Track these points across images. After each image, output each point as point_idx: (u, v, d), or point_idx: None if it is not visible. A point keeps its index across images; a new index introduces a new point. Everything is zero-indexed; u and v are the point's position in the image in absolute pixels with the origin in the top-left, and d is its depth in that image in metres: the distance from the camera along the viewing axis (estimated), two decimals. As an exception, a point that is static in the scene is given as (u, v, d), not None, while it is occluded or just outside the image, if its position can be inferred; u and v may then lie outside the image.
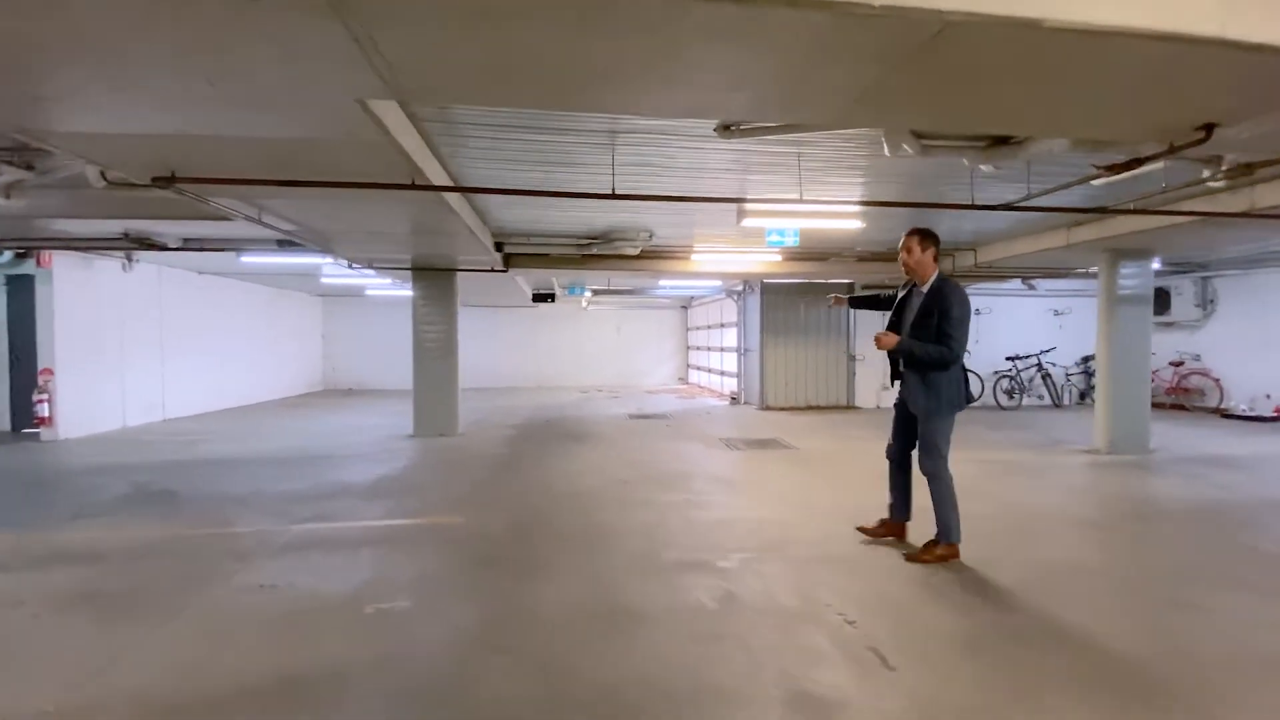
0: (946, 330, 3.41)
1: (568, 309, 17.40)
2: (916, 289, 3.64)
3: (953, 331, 3.41)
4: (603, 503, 5.06)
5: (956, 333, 3.41)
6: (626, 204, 6.21)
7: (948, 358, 3.42)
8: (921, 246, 3.58)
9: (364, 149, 3.46)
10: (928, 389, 3.49)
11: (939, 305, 3.45)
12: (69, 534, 4.28)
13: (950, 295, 3.46)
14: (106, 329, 9.21)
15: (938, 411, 3.51)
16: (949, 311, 3.42)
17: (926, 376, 3.49)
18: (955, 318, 3.42)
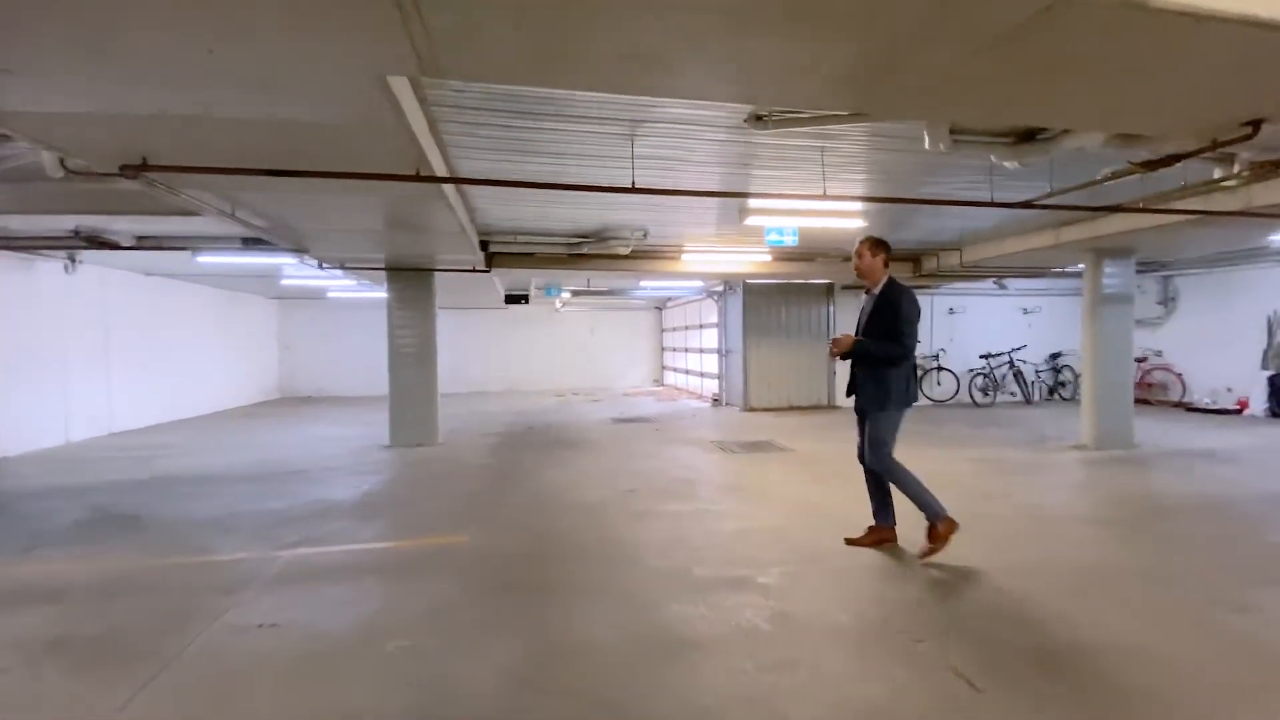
0: (897, 327, 3.58)
1: (540, 310, 17.00)
2: (869, 294, 3.82)
3: (903, 328, 3.57)
4: (613, 515, 4.81)
5: (906, 329, 3.58)
6: (626, 201, 6.00)
7: (899, 352, 3.58)
8: (872, 252, 3.77)
9: (372, 134, 3.13)
10: (878, 385, 3.66)
11: (888, 305, 3.64)
12: (25, 567, 3.78)
13: (899, 294, 3.64)
14: (46, 336, 8.43)
15: (887, 406, 3.66)
16: (898, 309, 3.60)
17: (878, 374, 3.65)
18: (905, 315, 3.59)
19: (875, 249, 3.78)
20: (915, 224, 7.62)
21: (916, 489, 3.67)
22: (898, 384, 3.64)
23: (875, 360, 3.65)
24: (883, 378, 3.64)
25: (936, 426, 9.65)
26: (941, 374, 12.62)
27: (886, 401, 3.65)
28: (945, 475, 6.11)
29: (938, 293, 12.67)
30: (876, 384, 3.66)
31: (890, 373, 3.62)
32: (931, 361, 12.63)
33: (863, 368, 3.72)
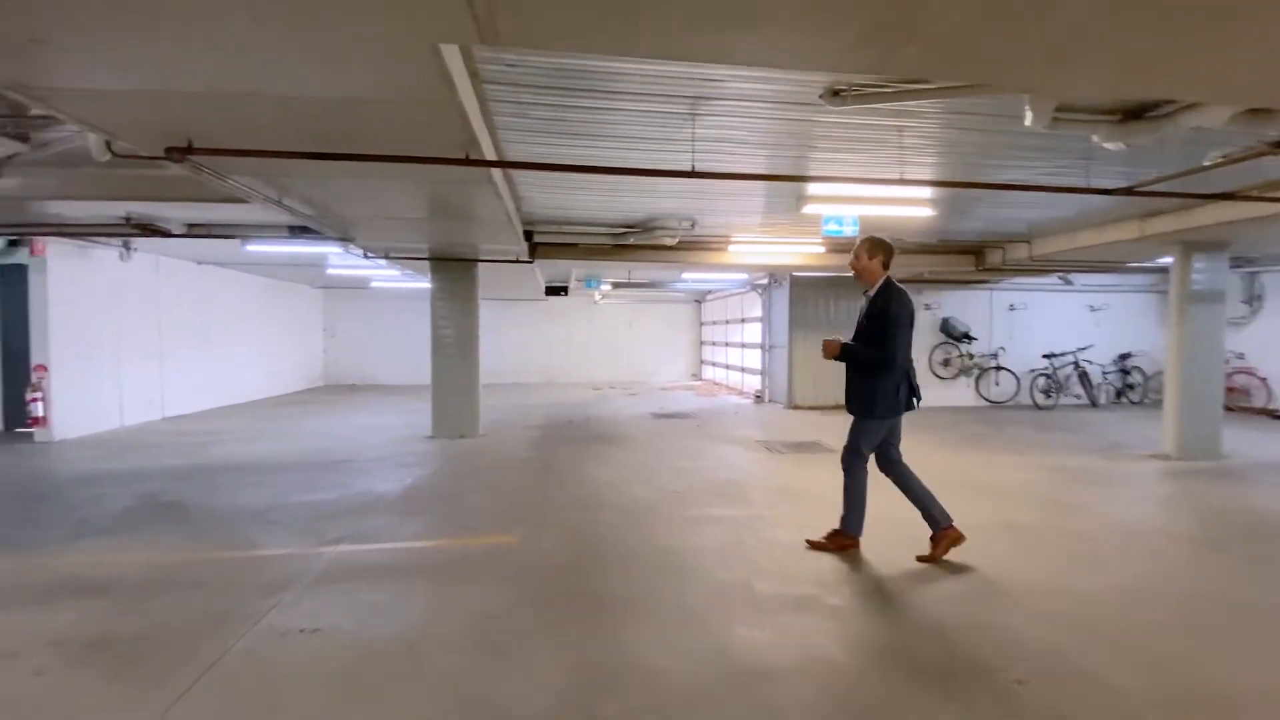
0: (887, 332, 3.47)
1: (579, 303, 16.87)
2: (866, 295, 3.72)
3: (891, 331, 3.45)
4: (663, 519, 4.57)
5: (894, 331, 3.46)
6: (676, 189, 5.72)
7: (883, 356, 3.46)
8: (870, 254, 3.66)
9: (422, 113, 2.93)
10: (864, 390, 3.57)
11: (881, 309, 3.53)
12: (71, 557, 3.76)
13: (890, 295, 3.54)
14: (103, 322, 8.63)
15: (871, 413, 3.58)
16: (886, 310, 3.49)
17: (865, 379, 3.56)
18: (892, 317, 3.47)
19: (873, 250, 3.67)
20: (979, 213, 7.12)
21: (859, 505, 3.73)
22: (885, 391, 3.53)
23: (861, 364, 3.56)
24: (869, 383, 3.54)
25: (996, 429, 9.12)
26: (1000, 374, 11.99)
27: (871, 408, 3.57)
28: (1015, 484, 5.69)
29: (997, 288, 12.02)
30: (863, 389, 3.58)
31: (879, 378, 3.51)
32: (990, 360, 12.01)
33: (851, 371, 3.63)
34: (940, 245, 8.95)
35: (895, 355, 3.47)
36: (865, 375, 3.56)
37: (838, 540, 3.82)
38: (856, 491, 3.75)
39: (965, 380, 12.06)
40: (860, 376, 3.59)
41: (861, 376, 3.58)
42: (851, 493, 3.76)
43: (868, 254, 3.67)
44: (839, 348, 3.56)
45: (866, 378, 3.56)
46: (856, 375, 3.62)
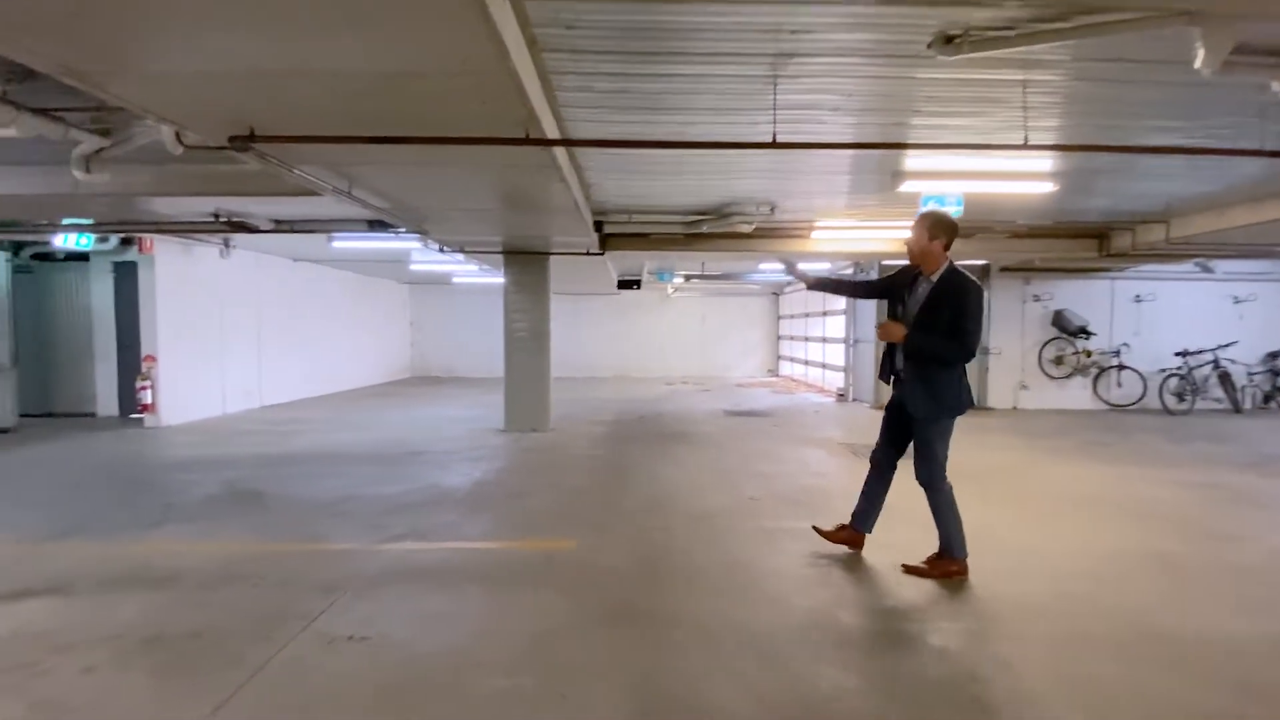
0: (962, 325, 3.11)
1: (650, 297, 16.61)
2: (922, 278, 3.29)
3: (968, 326, 3.13)
4: (737, 529, 4.18)
5: (972, 327, 3.15)
6: (755, 169, 5.28)
7: (959, 355, 3.16)
8: (930, 234, 3.24)
9: (473, 85, 2.70)
10: (929, 390, 3.20)
11: (951, 297, 3.14)
12: (150, 544, 3.85)
13: (965, 287, 3.16)
14: (206, 316, 9.20)
15: (939, 415, 3.23)
16: (965, 305, 3.12)
17: (928, 376, 3.20)
18: (972, 312, 3.14)
19: (934, 230, 3.24)
20: (1108, 188, 6.17)
21: (951, 518, 3.30)
22: (951, 388, 3.19)
23: (927, 359, 3.19)
24: (933, 380, 3.18)
25: (1121, 437, 8.04)
26: (1123, 373, 10.64)
27: (938, 408, 3.21)
28: (1152, 504, 4.86)
29: (1121, 277, 10.67)
30: (926, 387, 3.19)
31: (943, 374, 3.18)
32: (1111, 358, 10.68)
33: (911, 365, 3.23)
34: (1056, 227, 7.95)
35: (972, 353, 3.17)
36: (928, 371, 3.18)
37: (941, 566, 3.34)
38: (950, 507, 3.31)
39: (1081, 380, 10.80)
40: (923, 372, 3.19)
41: (925, 372, 3.19)
42: (945, 510, 3.31)
43: (928, 233, 3.23)
44: (903, 336, 3.17)
45: (931, 374, 3.18)
46: (918, 371, 3.20)
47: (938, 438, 3.24)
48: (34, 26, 2.08)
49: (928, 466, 3.28)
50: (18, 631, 2.67)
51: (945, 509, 3.31)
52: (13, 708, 2.13)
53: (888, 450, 3.51)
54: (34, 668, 2.39)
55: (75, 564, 3.49)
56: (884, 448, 3.53)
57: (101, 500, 4.88)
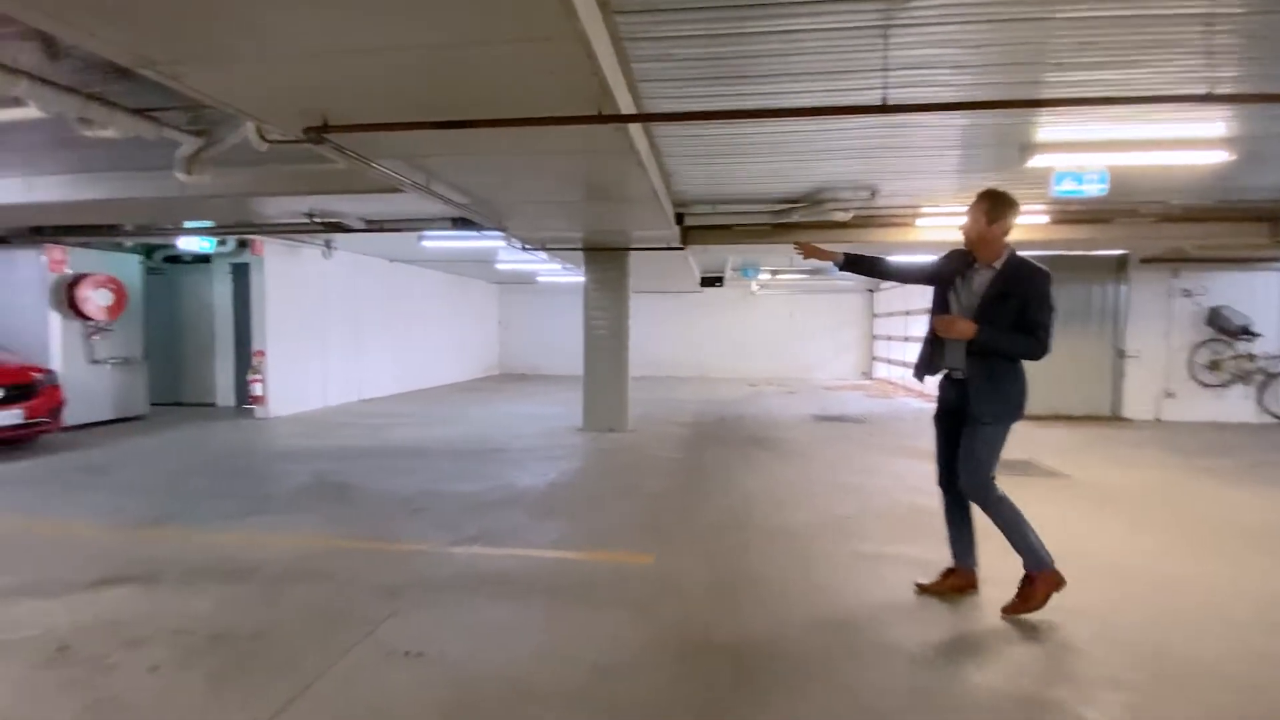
0: (1036, 318, 2.80)
1: (734, 294, 16.06)
2: (979, 266, 2.95)
3: (1045, 319, 2.82)
4: (828, 552, 3.71)
5: (1049, 320, 2.83)
6: (855, 148, 4.75)
7: (1037, 351, 2.83)
8: (989, 216, 2.86)
9: (539, 53, 2.45)
10: (997, 389, 2.88)
11: (1021, 289, 2.84)
12: (237, 533, 3.93)
13: (1035, 275, 2.84)
14: (311, 313, 9.72)
15: (1002, 417, 2.90)
16: (1043, 296, 2.82)
17: (996, 374, 2.88)
18: (1048, 303, 2.82)
19: (995, 212, 2.85)
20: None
21: (1021, 528, 2.90)
22: (1018, 386, 2.89)
23: (999, 356, 2.85)
24: (1002, 378, 2.87)
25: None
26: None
27: (1007, 409, 2.88)
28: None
29: (1293, 267, 9.02)
30: (994, 386, 2.86)
31: (1011, 372, 2.89)
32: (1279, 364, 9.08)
33: (977, 363, 2.88)
34: (1217, 209, 6.75)
35: (1047, 351, 2.81)
36: (996, 369, 2.86)
37: (1038, 591, 2.85)
38: (1016, 514, 2.91)
39: (1242, 389, 9.25)
40: (1000, 370, 2.86)
41: (1001, 369, 2.86)
42: (1013, 520, 2.90)
43: (987, 216, 2.85)
44: (973, 333, 2.80)
45: (998, 372, 2.86)
46: (984, 369, 2.86)
47: (994, 441, 2.90)
48: (97, 8, 2.05)
49: (978, 474, 2.90)
50: (97, 621, 2.72)
51: (1013, 519, 2.90)
52: (72, 704, 2.11)
53: (954, 467, 3.04)
54: (102, 661, 2.39)
55: (166, 551, 3.61)
56: (950, 465, 3.07)
57: (203, 487, 5.13)
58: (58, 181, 5.69)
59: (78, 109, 3.18)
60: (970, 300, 2.91)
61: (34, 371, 6.44)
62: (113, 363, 8.21)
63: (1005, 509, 2.90)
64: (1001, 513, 2.90)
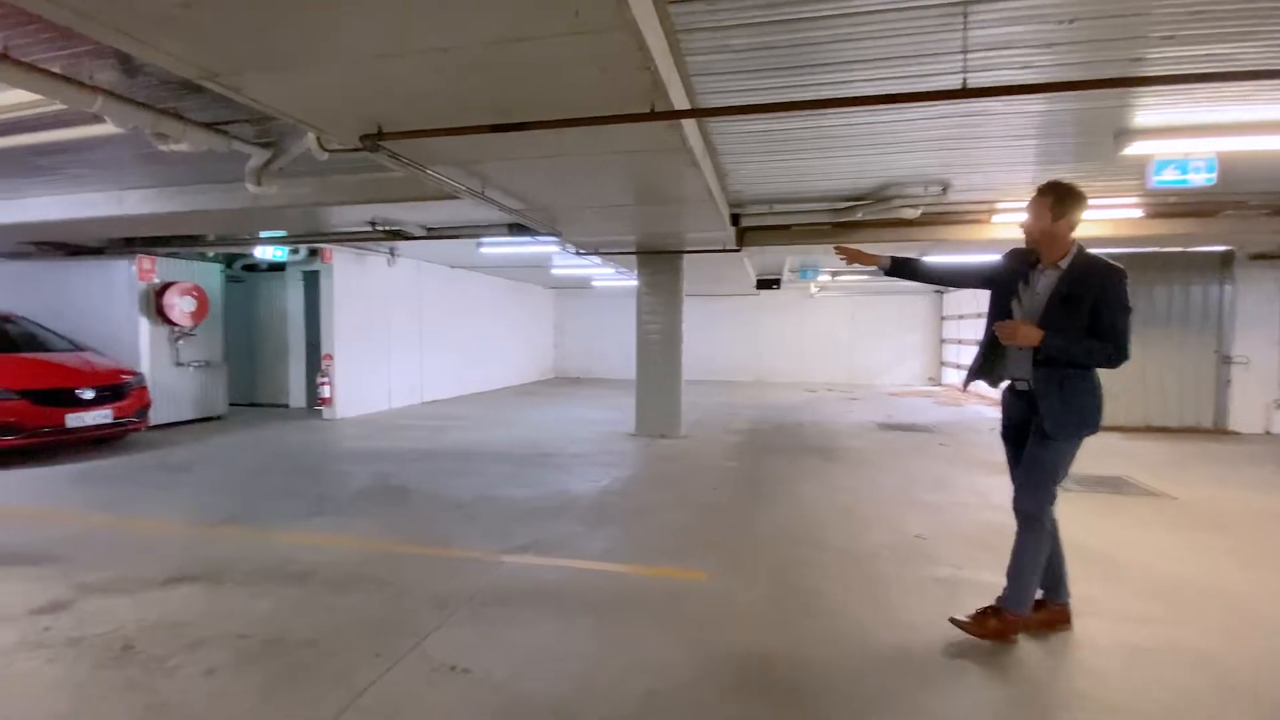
0: (1113, 323, 2.52)
1: (792, 296, 15.63)
2: (1043, 266, 2.70)
3: (1122, 322, 2.54)
4: (901, 577, 3.43)
5: (1125, 325, 2.54)
6: (927, 138, 4.45)
7: (1115, 358, 2.54)
8: (1054, 211, 2.60)
9: (588, 45, 2.35)
10: (1069, 402, 2.60)
11: (1091, 289, 2.55)
12: (300, 534, 4.02)
13: (1109, 274, 2.55)
14: (376, 319, 10.05)
15: (1073, 432, 2.61)
16: (1113, 297, 2.53)
17: (1069, 385, 2.60)
18: (1125, 304, 2.54)
19: (1060, 205, 2.57)
20: None
21: (1031, 564, 2.66)
22: (1094, 398, 2.61)
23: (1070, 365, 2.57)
24: (1075, 390, 2.58)
25: None
26: None
27: (1080, 424, 2.59)
28: None
29: None
30: (1066, 398, 2.59)
31: (1086, 382, 2.60)
32: None
33: (1046, 373, 2.61)
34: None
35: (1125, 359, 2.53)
36: (1078, 378, 2.58)
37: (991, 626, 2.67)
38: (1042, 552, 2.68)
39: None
40: (1072, 380, 2.58)
41: (1074, 380, 2.58)
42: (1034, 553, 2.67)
43: (1052, 212, 2.57)
44: (1039, 339, 2.52)
45: (1071, 384, 2.57)
46: (1055, 378, 2.58)
47: (1060, 459, 2.61)
48: (161, 21, 2.09)
49: (1038, 495, 2.63)
50: (162, 620, 2.79)
51: (1035, 551, 2.66)
52: (131, 706, 2.14)
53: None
54: (164, 663, 2.43)
55: (233, 551, 3.72)
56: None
57: (271, 487, 5.31)
58: (145, 195, 6.06)
59: (151, 124, 3.32)
60: (1034, 304, 2.64)
61: (124, 374, 6.88)
62: (195, 365, 8.71)
63: (1042, 542, 2.65)
64: (1035, 543, 2.64)
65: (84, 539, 3.91)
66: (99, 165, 5.30)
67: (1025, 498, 2.67)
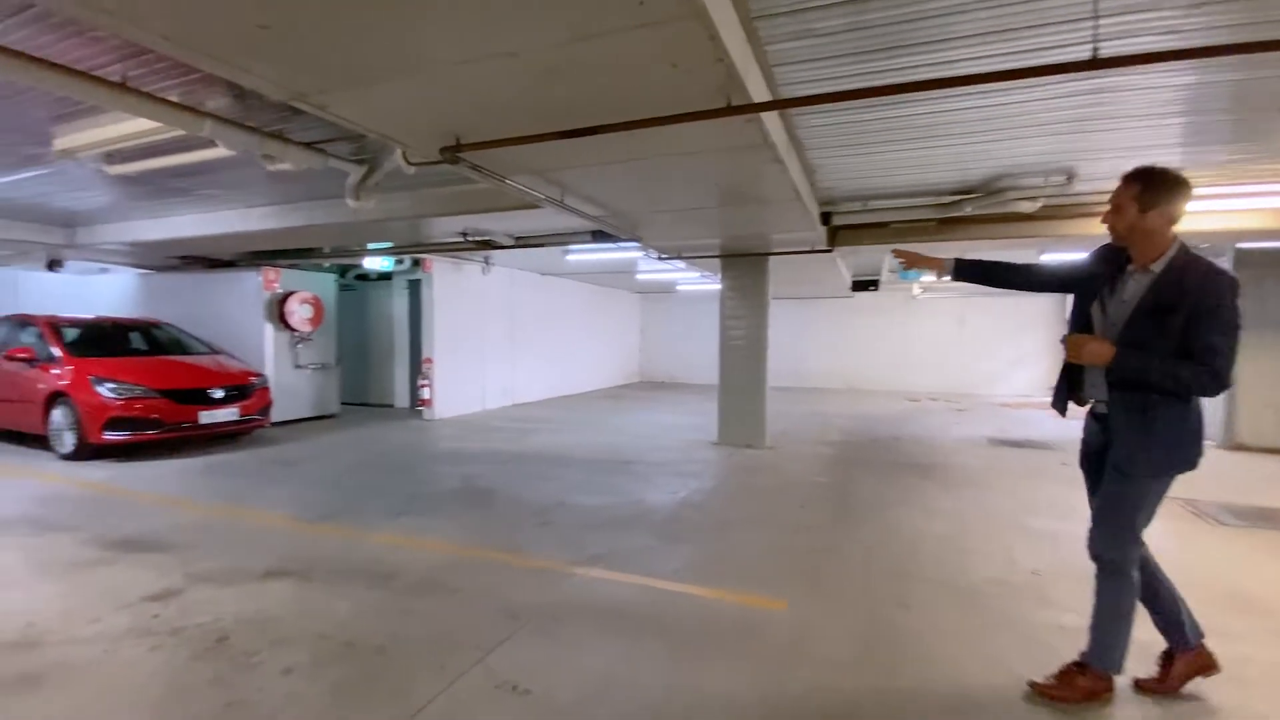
0: (1210, 344, 2.02)
1: (891, 298, 14.68)
2: (1133, 269, 2.23)
3: (1221, 342, 2.02)
4: (1009, 617, 3.02)
5: (1227, 344, 2.02)
6: (1050, 119, 3.93)
7: (1207, 385, 2.03)
8: (1142, 202, 2.11)
9: (658, 38, 2.22)
10: (1148, 433, 2.14)
11: (1186, 299, 2.05)
12: (387, 534, 4.17)
13: (1211, 281, 2.05)
14: (471, 324, 10.48)
15: (1158, 469, 2.15)
16: (1212, 310, 2.02)
17: (1149, 413, 2.14)
18: (1227, 319, 2.03)
19: (1148, 195, 2.12)
20: None
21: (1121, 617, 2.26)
22: (1185, 430, 2.15)
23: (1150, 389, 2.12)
24: (1156, 419, 2.15)
25: None
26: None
27: (1163, 460, 2.17)
28: None
29: None
30: (1144, 429, 2.17)
31: (1172, 410, 2.14)
32: None
33: (1122, 398, 2.21)
34: None
35: (1229, 383, 2.07)
36: (1162, 405, 2.14)
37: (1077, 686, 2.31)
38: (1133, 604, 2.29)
39: None
40: (1154, 407, 2.15)
41: (1155, 407, 2.15)
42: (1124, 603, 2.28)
43: (1139, 203, 2.13)
44: (1110, 356, 2.13)
45: (1165, 408, 2.14)
46: (1145, 405, 2.15)
47: (1140, 499, 2.20)
48: (252, 46, 2.19)
49: (1118, 540, 2.24)
50: (257, 615, 2.94)
51: (1119, 601, 2.28)
52: (213, 703, 2.24)
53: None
54: (250, 658, 2.55)
55: (326, 547, 3.91)
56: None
57: (368, 484, 5.59)
58: (266, 212, 6.62)
59: (257, 145, 3.57)
60: (1119, 313, 2.24)
61: (251, 375, 7.55)
62: (312, 368, 9.46)
63: (1128, 590, 2.26)
64: (1118, 592, 2.26)
65: (202, 528, 4.27)
66: (227, 185, 5.84)
67: (1102, 542, 2.29)
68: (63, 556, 3.66)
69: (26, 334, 7.11)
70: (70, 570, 3.46)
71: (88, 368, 6.48)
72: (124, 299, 10.07)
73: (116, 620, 2.86)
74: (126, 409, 6.30)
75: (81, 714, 2.18)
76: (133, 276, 10.01)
